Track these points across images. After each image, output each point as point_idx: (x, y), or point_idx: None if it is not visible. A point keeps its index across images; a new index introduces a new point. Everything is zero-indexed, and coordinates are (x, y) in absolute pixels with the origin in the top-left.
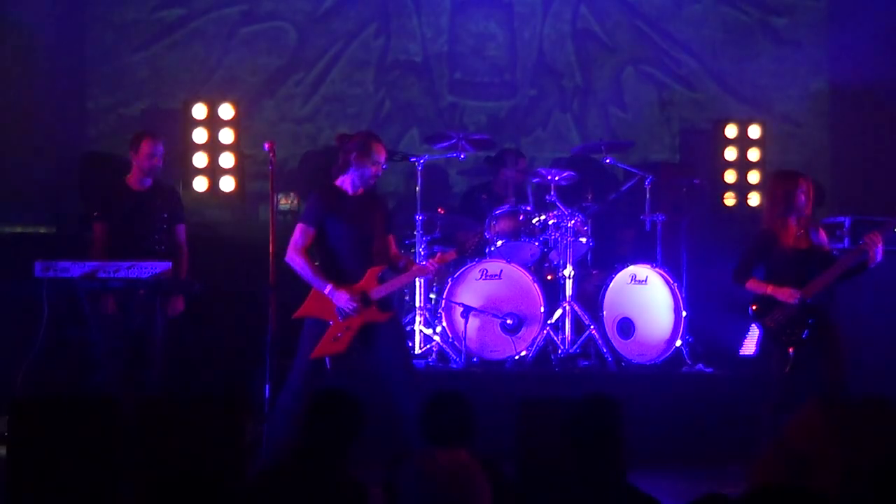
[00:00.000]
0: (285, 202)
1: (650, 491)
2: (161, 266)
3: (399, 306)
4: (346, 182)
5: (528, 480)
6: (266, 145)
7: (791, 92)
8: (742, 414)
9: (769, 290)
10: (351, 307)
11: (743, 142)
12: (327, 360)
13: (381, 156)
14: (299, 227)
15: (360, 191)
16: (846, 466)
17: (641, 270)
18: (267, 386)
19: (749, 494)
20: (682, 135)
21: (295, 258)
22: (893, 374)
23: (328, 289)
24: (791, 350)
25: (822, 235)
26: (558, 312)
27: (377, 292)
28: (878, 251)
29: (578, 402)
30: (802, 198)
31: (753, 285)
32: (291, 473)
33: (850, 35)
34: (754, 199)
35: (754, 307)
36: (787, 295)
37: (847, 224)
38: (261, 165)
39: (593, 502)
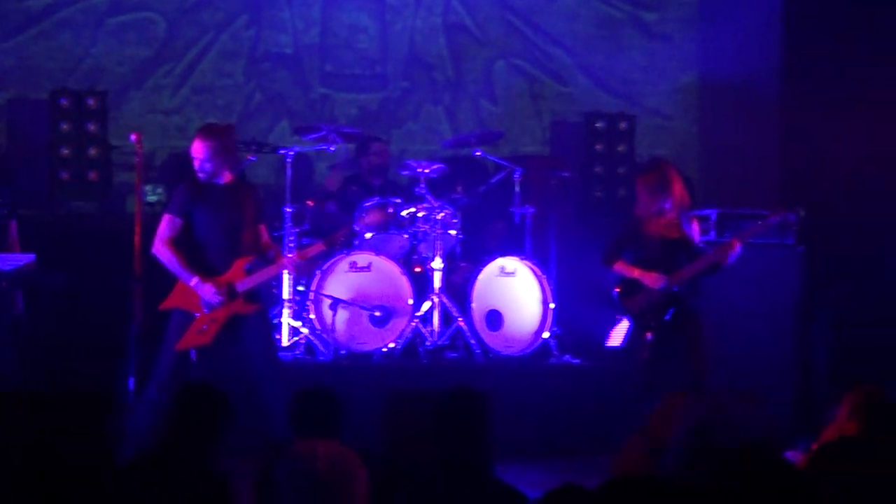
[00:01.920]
0: (153, 194)
1: (517, 483)
2: (24, 258)
3: (267, 298)
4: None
5: (394, 473)
6: (133, 137)
7: (661, 86)
8: (608, 405)
9: (636, 273)
10: (216, 300)
11: (612, 135)
12: (192, 352)
13: (194, 150)
14: (165, 218)
15: (230, 180)
16: (704, 456)
17: (510, 263)
18: (131, 379)
19: (605, 485)
20: (553, 128)
21: (161, 250)
22: (758, 365)
23: (194, 281)
24: (649, 335)
25: (695, 227)
26: (427, 305)
27: (243, 284)
28: (734, 255)
29: (444, 394)
30: (677, 187)
31: (621, 267)
32: (154, 467)
33: (720, 30)
34: (623, 192)
35: (618, 290)
36: (653, 280)
37: (713, 217)
38: (128, 157)
39: (458, 495)
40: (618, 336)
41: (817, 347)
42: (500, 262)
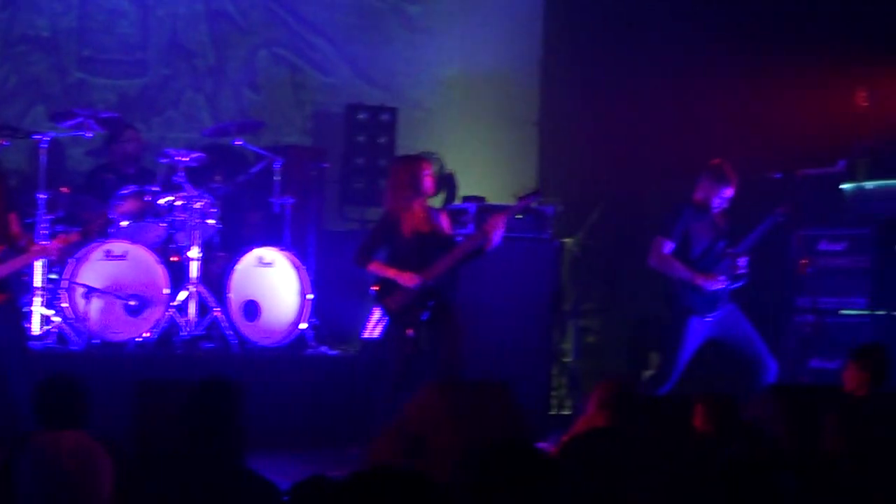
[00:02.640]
0: None
1: (270, 474)
2: None
3: (17, 287)
4: None
5: (145, 464)
6: None
7: (423, 78)
8: (364, 396)
9: (391, 273)
10: None
11: (374, 127)
12: None
13: None
14: None
15: None
16: (458, 448)
17: (268, 253)
18: None
19: (352, 476)
20: (315, 118)
21: None
22: (512, 358)
23: None
24: (410, 332)
25: (444, 219)
26: (183, 294)
27: None
28: (497, 235)
29: (196, 385)
30: (427, 181)
31: (375, 268)
32: None
33: (481, 24)
34: (384, 184)
35: (376, 288)
36: (407, 280)
37: (472, 210)
38: None
39: (208, 486)
40: (374, 327)
41: (570, 340)
42: (259, 252)
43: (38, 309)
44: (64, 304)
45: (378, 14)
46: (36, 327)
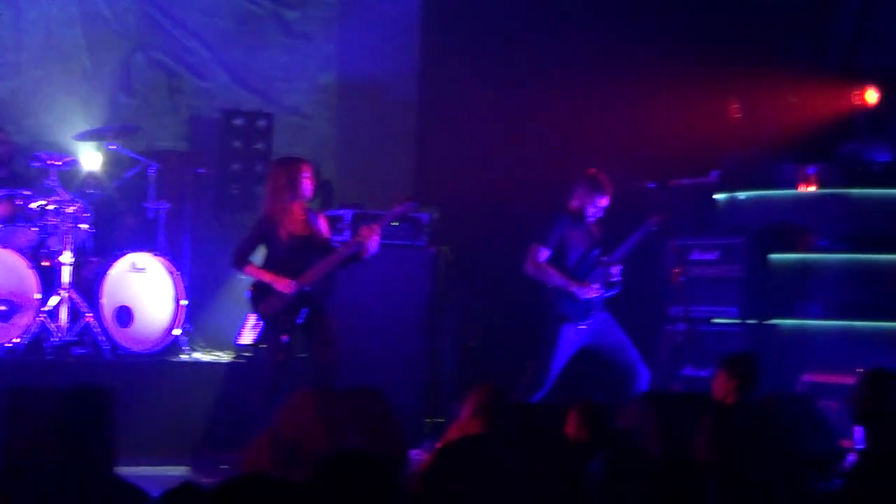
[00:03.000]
0: None
1: (141, 482)
2: None
3: None
4: None
5: (13, 473)
6: None
7: (301, 84)
8: (238, 403)
9: (267, 277)
10: None
11: (250, 132)
12: None
13: None
14: None
15: None
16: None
17: (142, 258)
18: None
19: (223, 483)
20: (191, 123)
21: None
22: (388, 364)
23: None
24: (285, 337)
25: (323, 223)
26: (55, 299)
27: None
28: (374, 242)
29: (65, 392)
30: (306, 183)
31: (252, 271)
32: None
33: (359, 31)
34: (260, 190)
35: (252, 292)
36: (283, 285)
37: (348, 217)
38: None
39: (77, 494)
40: (249, 333)
41: (445, 347)
42: (132, 257)
43: None
44: None
45: (255, 19)
46: None
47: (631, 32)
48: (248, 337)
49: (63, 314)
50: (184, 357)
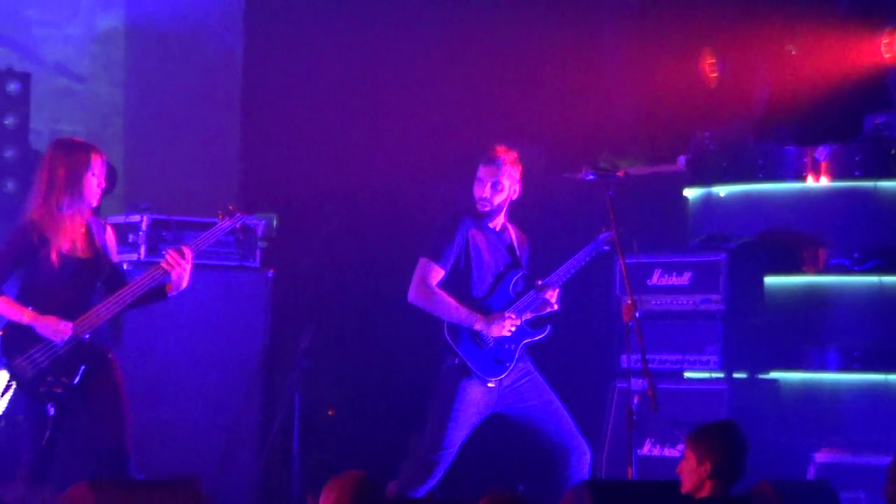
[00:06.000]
0: None
1: None
2: None
3: None
4: None
5: None
6: None
7: (70, 31)
8: None
9: (26, 317)
10: None
11: None
12: None
13: None
14: None
15: None
16: None
17: None
18: None
19: None
20: None
21: None
22: (209, 439)
23: None
24: (51, 407)
25: (111, 237)
26: None
27: None
28: (184, 273)
29: None
30: (97, 181)
31: (5, 307)
32: None
33: None
34: (13, 186)
35: (2, 338)
36: (52, 330)
37: (144, 225)
38: None
39: None
40: None
41: (290, 414)
42: None
43: None
44: None
45: None
46: None
47: None
48: None
49: None
50: None
